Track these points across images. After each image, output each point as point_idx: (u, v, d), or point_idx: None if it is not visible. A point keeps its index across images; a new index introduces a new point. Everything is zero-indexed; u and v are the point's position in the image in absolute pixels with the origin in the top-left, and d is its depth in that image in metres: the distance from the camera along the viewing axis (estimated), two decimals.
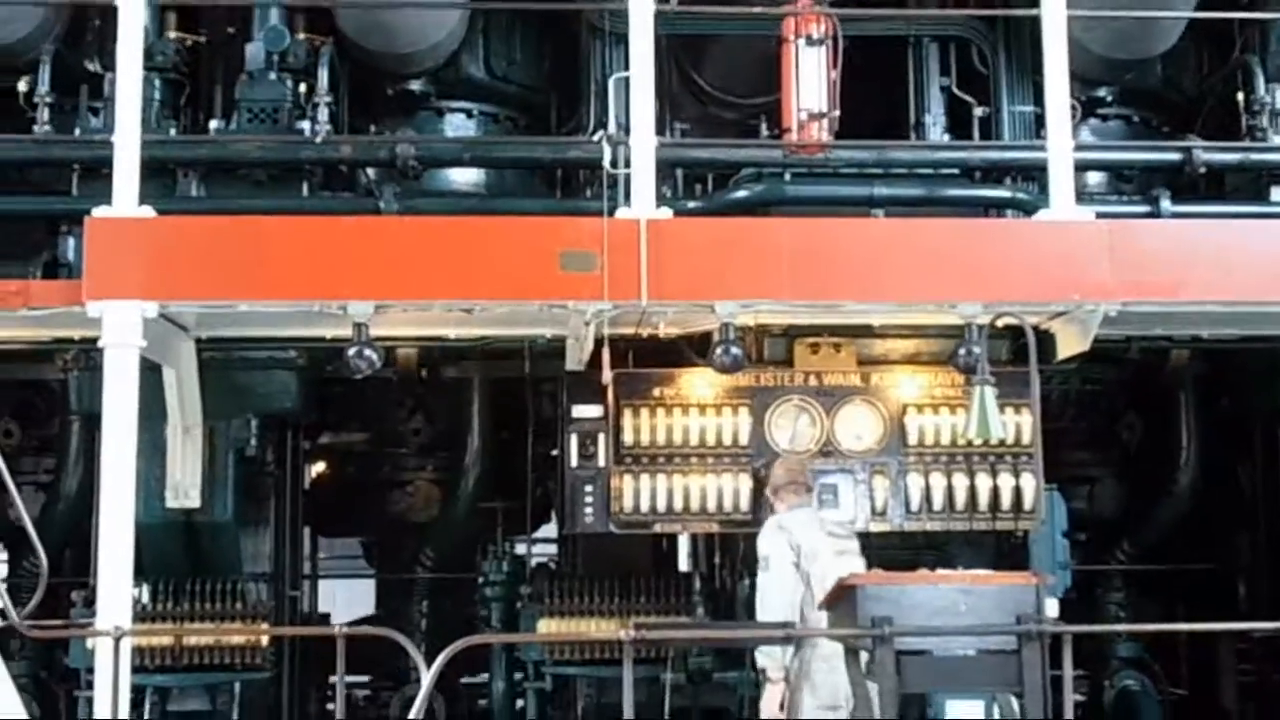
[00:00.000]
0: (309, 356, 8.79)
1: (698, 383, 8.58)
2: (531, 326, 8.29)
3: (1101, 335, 7.99)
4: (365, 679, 12.61)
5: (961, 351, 7.85)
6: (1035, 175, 8.92)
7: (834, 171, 8.96)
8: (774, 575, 7.22)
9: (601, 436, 8.52)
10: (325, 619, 11.68)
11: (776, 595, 7.18)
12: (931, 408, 8.67)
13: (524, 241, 7.54)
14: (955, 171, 9.13)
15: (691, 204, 8.70)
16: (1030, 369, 7.11)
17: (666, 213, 7.66)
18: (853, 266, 7.71)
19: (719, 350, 7.76)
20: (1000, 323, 7.56)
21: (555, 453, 9.59)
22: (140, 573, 7.43)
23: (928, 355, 8.74)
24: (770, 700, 7.15)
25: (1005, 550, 8.82)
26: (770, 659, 7.12)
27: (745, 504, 8.47)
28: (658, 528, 8.65)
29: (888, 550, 8.46)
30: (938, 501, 8.57)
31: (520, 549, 11.18)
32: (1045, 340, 8.20)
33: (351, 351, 7.56)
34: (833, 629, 6.57)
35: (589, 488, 8.49)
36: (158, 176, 8.34)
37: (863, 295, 7.77)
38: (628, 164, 7.61)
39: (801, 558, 7.24)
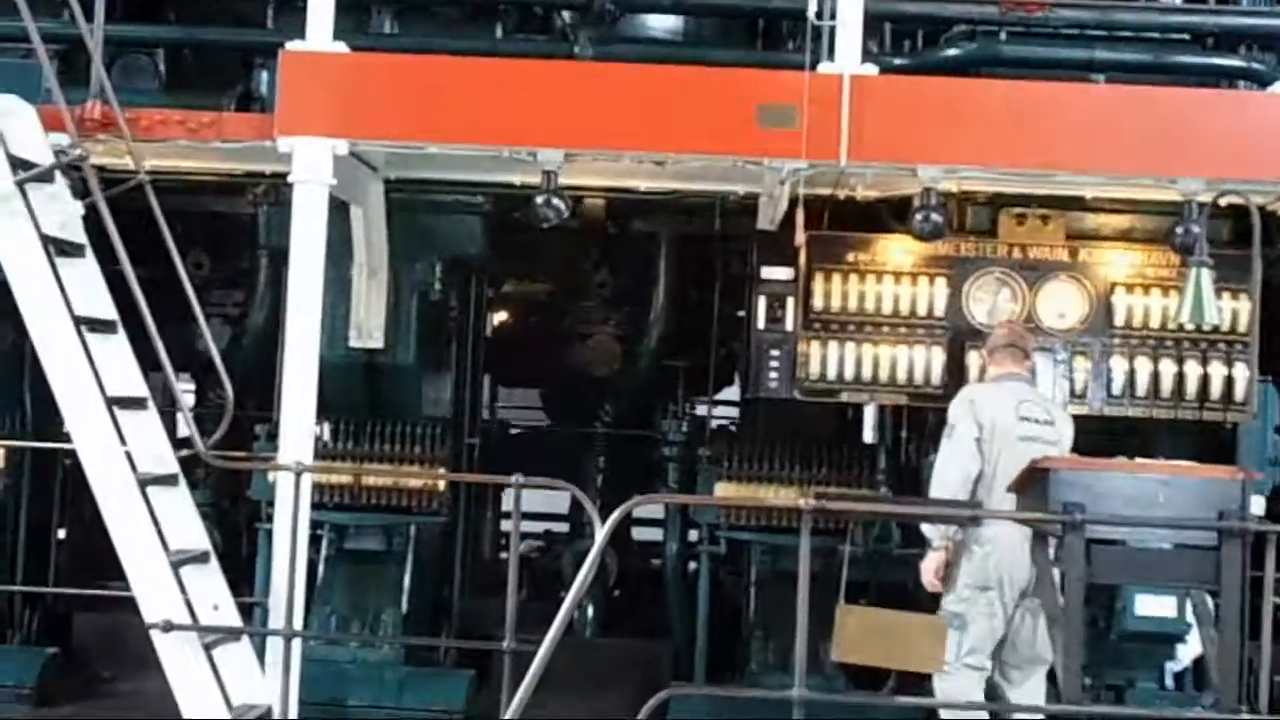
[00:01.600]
0: (496, 202, 8.87)
1: (894, 249, 8.48)
2: (724, 182, 8.25)
3: None
4: (540, 530, 12.95)
5: (1179, 230, 7.60)
6: (1273, 44, 8.54)
7: (1053, 32, 8.70)
8: (954, 447, 7.25)
9: (790, 299, 8.48)
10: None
11: (954, 469, 7.21)
12: (1142, 288, 8.44)
13: (721, 93, 7.47)
14: (1185, 37, 8.79)
15: (899, 61, 8.51)
16: (1253, 252, 6.88)
17: (872, 69, 7.51)
18: (1068, 134, 7.49)
19: (919, 216, 7.64)
20: (1223, 201, 7.31)
21: (742, 314, 9.60)
22: (322, 410, 7.64)
23: (1141, 232, 8.48)
24: (928, 565, 7.33)
25: (1211, 443, 8.61)
26: (933, 527, 7.27)
27: (937, 377, 8.38)
28: (844, 397, 8.61)
29: (1084, 435, 8.31)
30: (1142, 387, 8.37)
31: (700, 410, 11.28)
32: (1270, 222, 7.91)
33: (539, 199, 7.61)
34: (1020, 512, 6.50)
35: (775, 351, 8.48)
36: (351, 12, 8.42)
37: (1077, 165, 7.56)
38: (833, 16, 7.45)
39: (983, 434, 7.21)
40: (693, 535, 9.84)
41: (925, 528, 7.36)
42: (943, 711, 7.41)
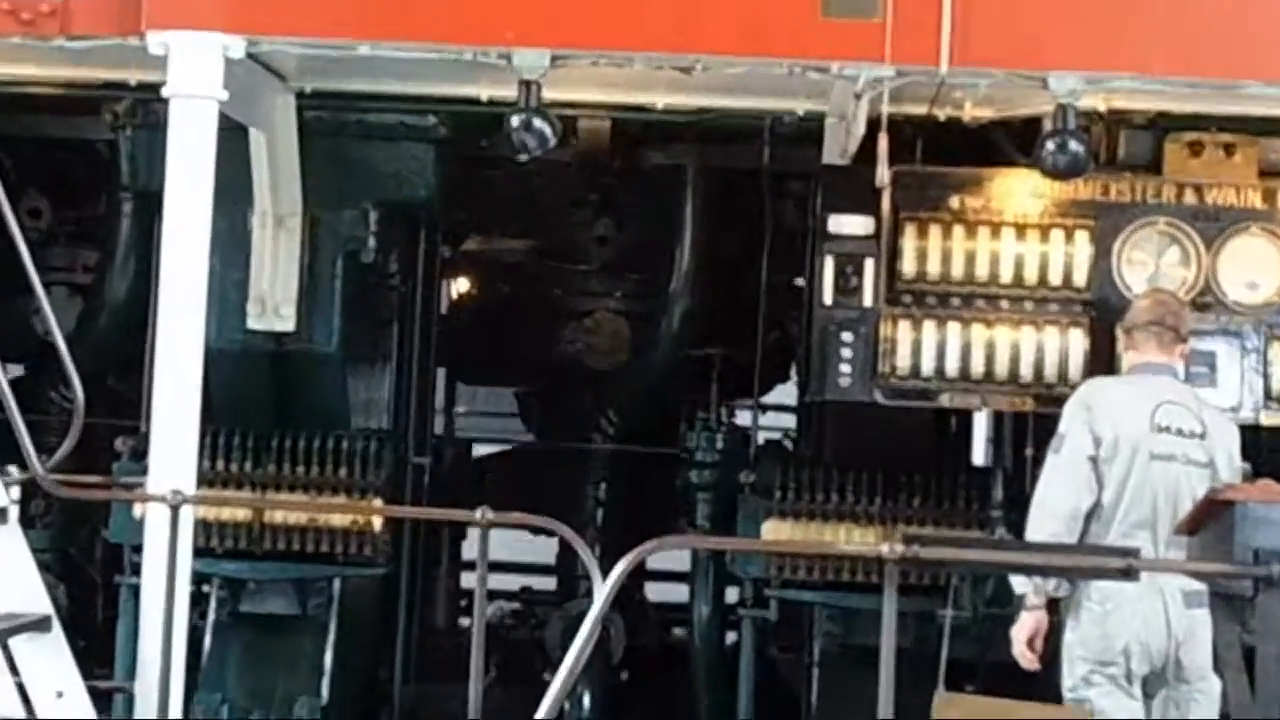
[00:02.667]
0: (455, 126, 8.93)
1: (1017, 190, 8.50)
2: (776, 97, 8.29)
3: None
4: (515, 587, 12.98)
5: None
6: None
7: None
8: (1060, 466, 7.38)
9: (870, 262, 8.51)
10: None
11: (1060, 497, 7.34)
12: None
13: None
14: None
15: None
16: None
17: None
18: (1260, 30, 7.52)
19: (1051, 144, 7.66)
20: None
21: (800, 282, 9.61)
22: (210, 418, 7.64)
23: None
24: (1019, 632, 7.43)
25: None
26: (1027, 580, 7.36)
27: (1076, 372, 8.40)
28: (945, 400, 8.64)
29: None
30: None
31: (743, 418, 11.30)
32: None
33: (516, 121, 7.62)
34: (1194, 561, 6.52)
35: (848, 336, 8.49)
36: None
37: (1274, 73, 7.57)
38: None
39: (1102, 450, 7.32)
40: (731, 595, 9.86)
41: (1014, 579, 7.45)
42: None
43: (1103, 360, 8.36)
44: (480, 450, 13.47)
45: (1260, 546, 5.92)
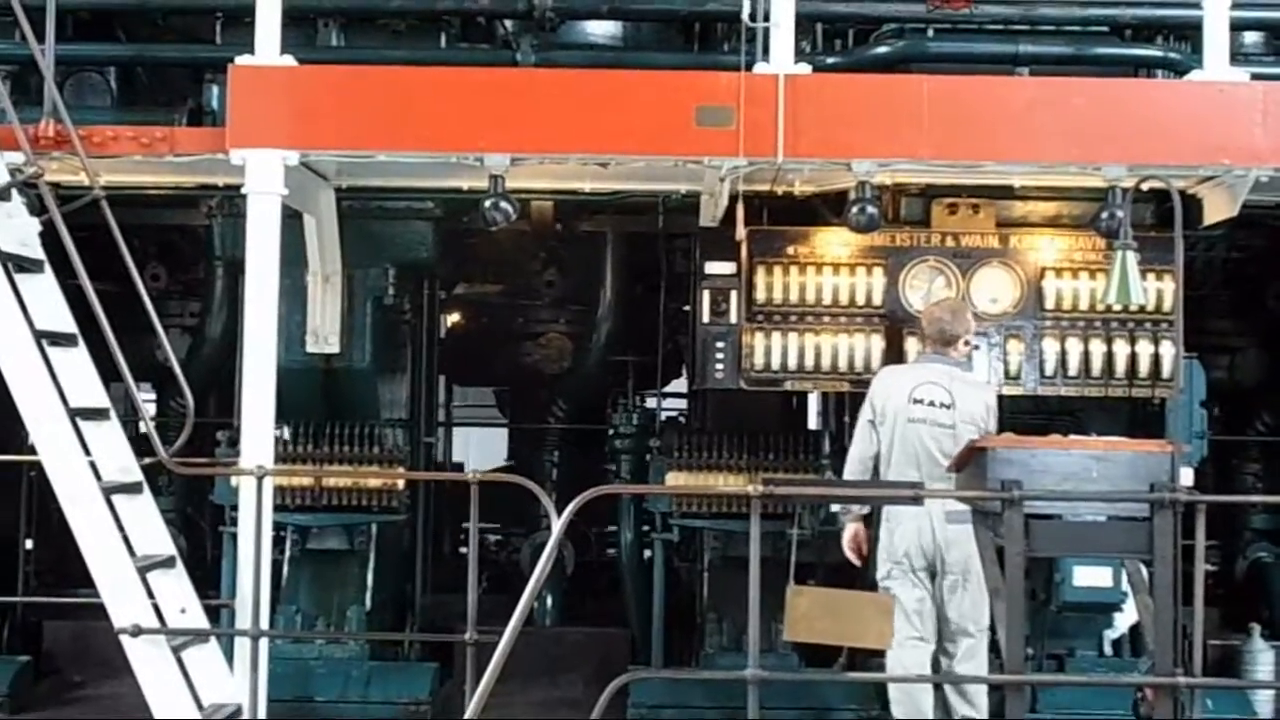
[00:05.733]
0: (446, 207, 8.86)
1: (832, 241, 8.51)
2: (666, 181, 8.26)
3: (1251, 201, 7.76)
4: (496, 525, 12.94)
5: (1104, 215, 7.68)
6: (1188, 34, 8.62)
7: (978, 28, 8.77)
8: (857, 427, 7.58)
9: (734, 293, 8.50)
10: (459, 466, 11.93)
11: (854, 449, 7.56)
12: (1071, 272, 8.50)
13: (660, 95, 7.48)
14: (1104, 29, 8.87)
15: (831, 60, 8.54)
16: (1175, 234, 6.94)
17: (805, 68, 7.54)
18: (995, 126, 7.55)
19: (855, 209, 7.67)
20: (1145, 186, 7.37)
21: (687, 308, 9.62)
22: (281, 414, 7.60)
23: (1069, 219, 8.55)
24: (845, 537, 7.65)
25: (1141, 418, 8.70)
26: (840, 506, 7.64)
27: (876, 363, 8.41)
28: (788, 385, 8.64)
29: (1020, 415, 8.40)
30: (1073, 367, 8.44)
31: (650, 403, 11.30)
32: (1191, 205, 7.99)
33: (487, 203, 7.60)
34: (961, 490, 6.56)
35: (720, 344, 8.50)
36: (298, 25, 8.39)
37: (1004, 155, 7.61)
38: (766, 17, 7.47)
39: (875, 415, 7.46)
40: (647, 525, 9.85)
41: (834, 505, 7.67)
42: (891, 687, 7.47)
43: (893, 355, 8.41)
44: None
45: (1005, 478, 5.97)
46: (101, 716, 8.36)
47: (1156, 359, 8.42)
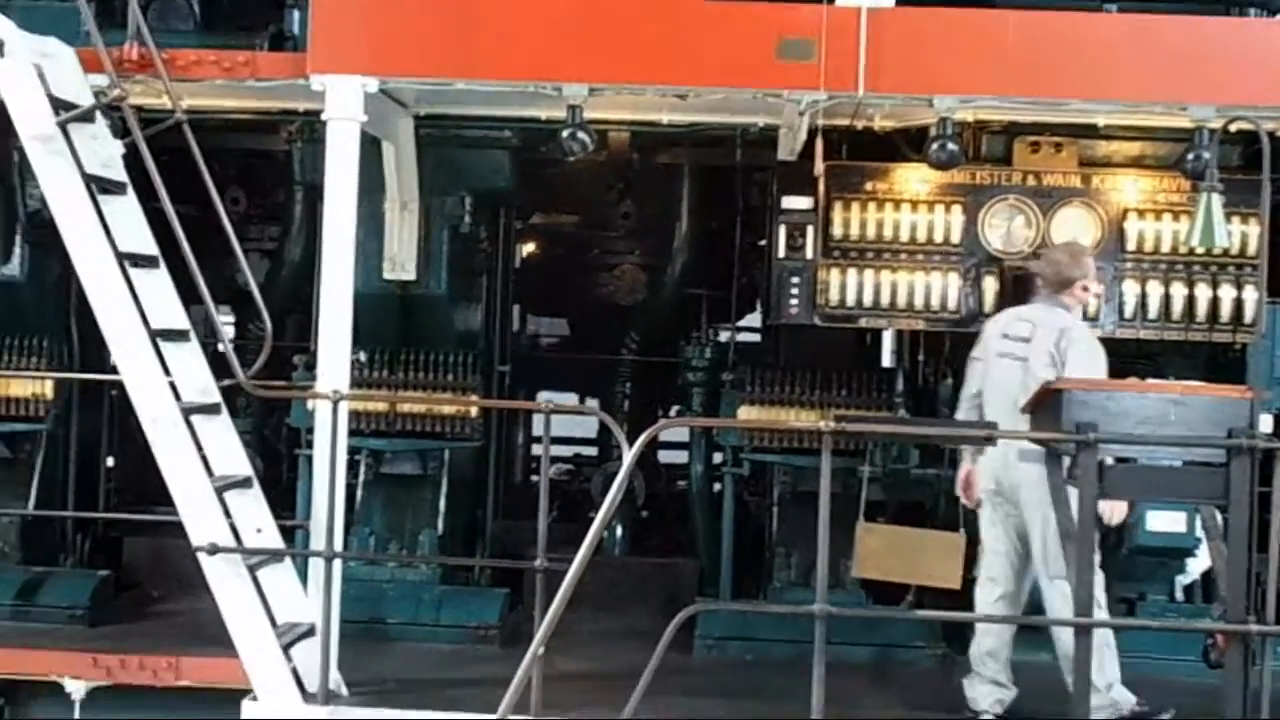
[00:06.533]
0: (523, 137, 8.84)
1: (911, 178, 8.44)
2: (745, 114, 8.20)
3: None
4: (569, 454, 13.00)
5: (1190, 156, 7.54)
6: None
7: None
8: (967, 365, 7.48)
9: (810, 228, 8.47)
10: (533, 396, 11.97)
11: (964, 389, 7.47)
12: (1154, 213, 8.40)
13: (741, 27, 7.41)
14: None
15: None
16: (1263, 177, 6.82)
17: (888, 1, 7.45)
18: (1080, 63, 7.42)
19: (935, 145, 7.59)
20: (1233, 127, 7.24)
21: (763, 243, 9.57)
22: (358, 340, 7.65)
23: (1153, 159, 8.43)
24: (960, 475, 7.52)
25: (1220, 364, 8.59)
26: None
27: (953, 302, 8.37)
28: (863, 322, 8.62)
29: None
30: (1153, 309, 8.36)
31: (723, 337, 11.28)
32: None
33: (565, 133, 7.58)
34: (1035, 431, 6.51)
35: (795, 279, 8.47)
36: None
37: (1089, 93, 7.49)
38: None
39: (978, 354, 7.40)
40: (717, 458, 9.87)
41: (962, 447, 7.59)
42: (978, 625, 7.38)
43: (970, 294, 8.37)
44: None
45: (1080, 420, 5.92)
46: (178, 632, 8.51)
47: (1239, 304, 8.31)
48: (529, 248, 12.07)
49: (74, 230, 7.10)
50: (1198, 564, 8.36)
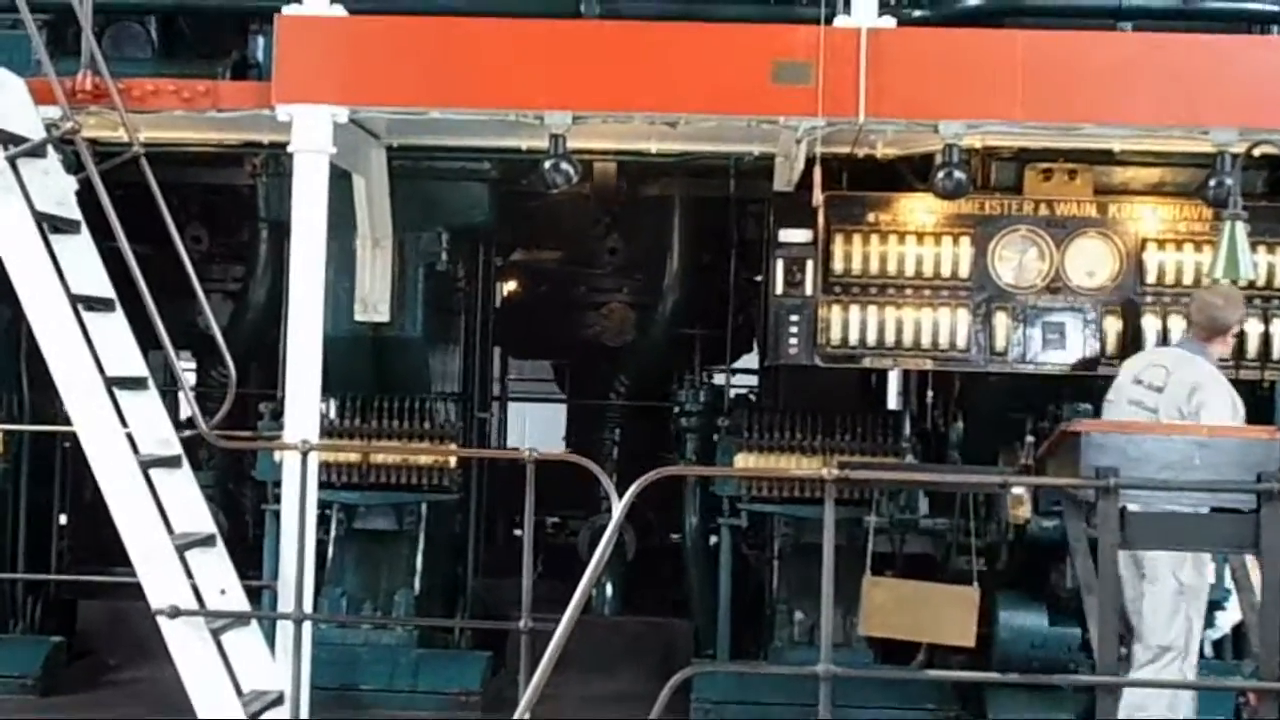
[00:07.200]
0: (502, 168, 8.87)
1: (917, 208, 8.46)
2: (739, 143, 8.22)
3: None
4: (553, 506, 12.97)
5: (1211, 183, 7.56)
6: None
7: None
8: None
9: (810, 263, 8.47)
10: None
11: None
12: (1174, 243, 8.41)
13: (734, 50, 7.43)
14: None
15: (917, 13, 8.46)
16: None
17: (890, 21, 7.48)
18: (1094, 85, 7.44)
19: (941, 174, 7.60)
20: (1257, 151, 7.28)
21: (759, 279, 9.59)
22: (328, 387, 7.64)
23: (1172, 186, 8.45)
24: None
25: (1248, 403, 8.59)
26: None
27: (963, 340, 8.37)
28: (867, 362, 8.60)
29: None
30: None
31: (718, 379, 11.29)
32: None
33: (547, 164, 7.59)
34: (1052, 476, 6.51)
35: (794, 317, 8.47)
36: None
37: (1104, 117, 7.51)
38: None
39: (1112, 395, 7.34)
40: (712, 510, 9.85)
41: None
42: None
43: (980, 331, 8.37)
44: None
45: (1099, 465, 5.91)
46: (135, 703, 8.46)
47: (1267, 339, 8.33)
48: (510, 286, 12.09)
49: (24, 271, 7.08)
50: (1228, 617, 8.34)
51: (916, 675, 8.48)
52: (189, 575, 6.99)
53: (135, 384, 7.25)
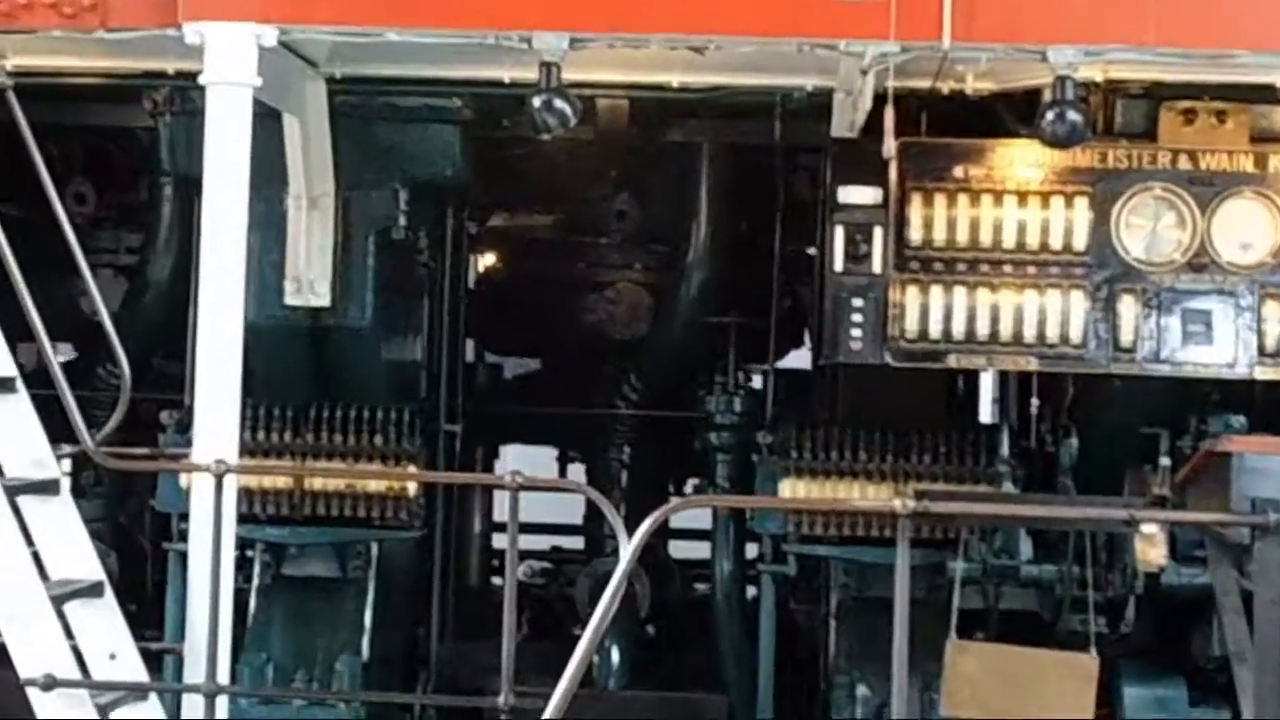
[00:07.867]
0: (479, 107, 8.91)
1: (1018, 160, 8.48)
2: (786, 74, 8.26)
3: None
4: (545, 547, 12.99)
5: None
6: None
7: None
8: None
9: (878, 231, 8.49)
10: (491, 465, 11.97)
11: None
12: None
13: None
14: None
15: None
16: None
17: None
18: (1248, 2, 7.47)
19: (1051, 115, 7.60)
20: None
21: (812, 251, 9.59)
22: (250, 391, 7.66)
23: None
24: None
25: None
26: None
27: (1077, 333, 8.38)
28: (952, 361, 8.62)
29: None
30: None
31: (757, 382, 11.29)
32: None
33: (537, 101, 7.60)
34: (1194, 510, 6.51)
35: (858, 302, 8.48)
36: None
37: (1262, 42, 7.51)
38: None
39: None
40: (751, 551, 9.86)
41: None
42: None
43: (1102, 320, 8.37)
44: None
45: (1257, 495, 5.91)
46: None
47: None
48: (487, 260, 12.09)
49: None
50: None
51: None
52: (69, 635, 7.01)
53: (1, 385, 7.26)
